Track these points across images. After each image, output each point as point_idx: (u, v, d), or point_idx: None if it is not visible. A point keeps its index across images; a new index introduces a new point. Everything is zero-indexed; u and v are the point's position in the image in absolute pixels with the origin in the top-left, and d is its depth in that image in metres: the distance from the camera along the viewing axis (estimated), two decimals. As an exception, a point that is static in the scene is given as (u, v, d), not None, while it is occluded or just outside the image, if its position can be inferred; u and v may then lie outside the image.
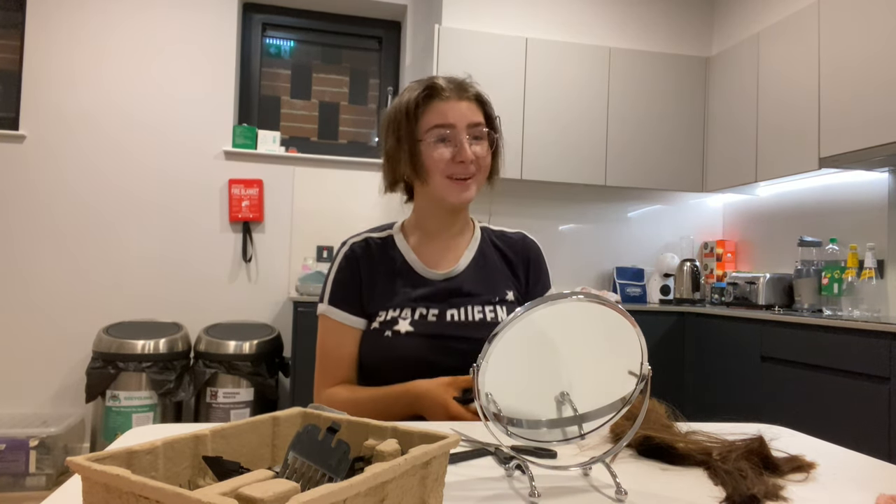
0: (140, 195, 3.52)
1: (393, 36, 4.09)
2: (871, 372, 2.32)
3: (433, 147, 1.14)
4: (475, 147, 1.15)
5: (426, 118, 1.15)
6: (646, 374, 0.72)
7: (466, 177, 1.15)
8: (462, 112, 1.15)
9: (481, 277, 1.21)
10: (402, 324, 1.14)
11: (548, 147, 3.62)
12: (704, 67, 3.86)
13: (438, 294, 1.17)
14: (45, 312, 3.39)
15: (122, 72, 3.51)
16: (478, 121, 1.16)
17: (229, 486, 0.42)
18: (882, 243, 2.95)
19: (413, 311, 1.15)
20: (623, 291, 3.88)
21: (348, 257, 1.21)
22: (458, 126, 1.14)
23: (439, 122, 1.14)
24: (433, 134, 1.14)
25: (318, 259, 3.71)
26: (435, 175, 1.15)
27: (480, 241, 1.27)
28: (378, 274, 1.19)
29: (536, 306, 0.67)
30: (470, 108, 1.16)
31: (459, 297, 1.18)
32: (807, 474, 0.77)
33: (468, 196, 1.17)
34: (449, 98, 1.15)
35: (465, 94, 1.17)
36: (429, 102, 1.15)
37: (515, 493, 0.68)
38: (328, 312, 1.19)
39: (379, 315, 1.16)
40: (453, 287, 1.18)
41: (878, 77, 2.65)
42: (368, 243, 1.22)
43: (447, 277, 1.20)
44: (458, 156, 1.13)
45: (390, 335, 1.13)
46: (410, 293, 1.17)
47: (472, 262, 1.22)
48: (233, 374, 3.11)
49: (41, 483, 2.93)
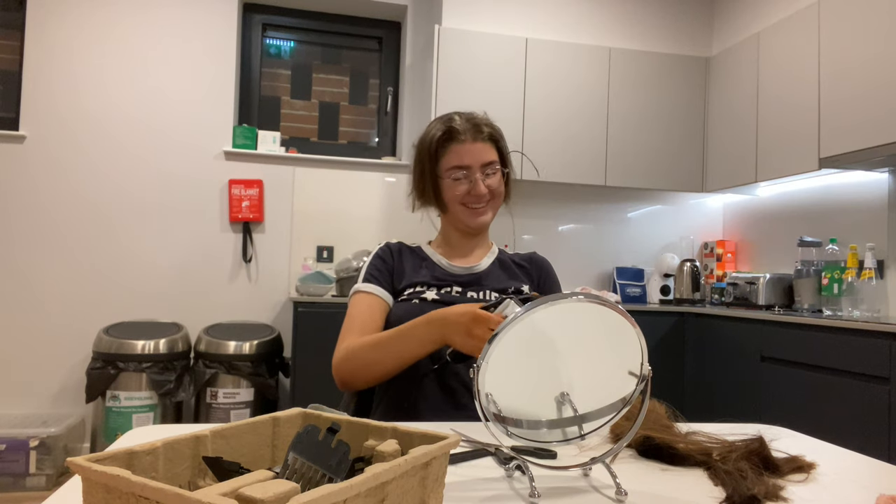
0: (140, 195, 3.53)
1: (393, 36, 4.09)
2: (871, 372, 2.32)
3: (452, 184, 1.30)
4: (489, 181, 1.31)
5: (446, 159, 1.31)
6: (646, 374, 0.72)
7: (481, 206, 1.31)
8: (476, 153, 1.29)
9: (500, 274, 1.36)
10: (429, 293, 1.27)
11: (548, 147, 3.62)
12: (704, 67, 3.86)
13: (461, 281, 1.32)
14: (46, 312, 3.39)
15: (122, 72, 3.51)
16: (491, 160, 1.31)
17: (229, 487, 0.42)
18: (882, 243, 2.95)
19: (439, 288, 1.29)
20: (623, 291, 3.88)
21: (384, 250, 1.36)
22: (474, 167, 1.29)
23: (457, 163, 1.29)
24: (452, 173, 1.30)
25: (318, 259, 3.71)
26: (454, 205, 1.32)
27: (499, 254, 1.42)
28: (406, 264, 1.35)
29: (536, 306, 0.67)
30: (484, 148, 1.30)
31: (480, 286, 1.32)
32: (807, 475, 0.77)
33: (485, 220, 1.33)
34: (465, 141, 1.29)
35: (480, 135, 1.30)
36: (448, 145, 1.30)
37: (515, 494, 0.68)
38: (360, 288, 1.29)
39: (407, 290, 1.29)
40: (475, 279, 1.34)
41: (878, 77, 2.65)
42: (401, 244, 1.39)
43: (470, 272, 1.35)
44: (473, 191, 1.29)
45: (417, 301, 1.26)
46: (437, 278, 1.32)
47: (491, 265, 1.38)
48: (233, 375, 3.11)
49: (41, 483, 2.93)
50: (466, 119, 1.32)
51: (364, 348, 1.15)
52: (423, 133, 1.36)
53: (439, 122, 1.33)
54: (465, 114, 1.34)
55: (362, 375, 1.16)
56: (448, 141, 1.30)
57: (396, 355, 1.12)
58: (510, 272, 1.37)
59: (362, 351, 1.15)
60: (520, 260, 1.42)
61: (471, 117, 1.33)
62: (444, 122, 1.32)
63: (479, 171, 1.29)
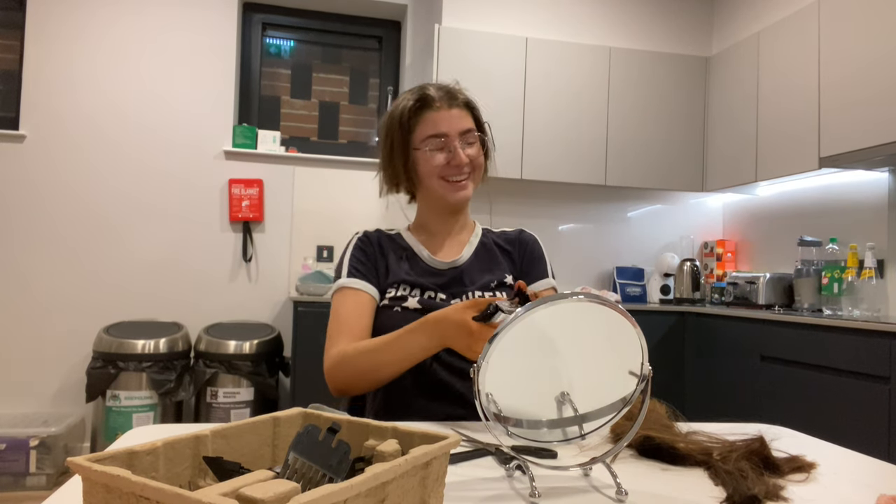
0: (140, 195, 3.52)
1: (393, 36, 4.09)
2: (871, 372, 2.32)
3: (429, 155, 1.21)
4: (468, 150, 1.22)
5: (420, 129, 1.22)
6: (646, 374, 0.72)
7: (462, 178, 1.22)
8: (453, 120, 1.21)
9: (482, 265, 1.28)
10: (411, 301, 1.20)
11: (548, 147, 3.62)
12: (704, 67, 3.86)
13: (444, 280, 1.24)
14: (46, 312, 3.39)
15: (122, 71, 3.51)
16: (469, 127, 1.23)
17: (230, 487, 0.42)
18: (882, 243, 2.95)
19: (422, 291, 1.22)
20: (623, 291, 3.88)
21: (362, 240, 1.28)
22: (451, 134, 1.21)
23: (433, 132, 1.21)
24: (428, 143, 1.21)
25: (318, 259, 3.71)
26: (432, 179, 1.22)
27: (482, 237, 1.34)
28: (389, 257, 1.26)
29: (537, 307, 0.67)
30: (461, 115, 1.23)
31: (463, 286, 1.24)
32: (807, 474, 0.77)
33: (466, 194, 1.24)
34: (440, 108, 1.21)
35: (455, 101, 1.23)
36: (421, 113, 1.22)
37: (516, 494, 0.68)
38: (346, 284, 1.22)
39: (388, 292, 1.22)
40: (457, 275, 1.25)
41: (878, 77, 2.65)
42: (379, 232, 1.31)
43: (452, 266, 1.26)
44: (453, 161, 1.20)
45: (399, 310, 1.19)
46: (418, 278, 1.24)
47: (473, 254, 1.30)
48: (233, 374, 3.11)
49: (41, 483, 2.93)
50: (438, 87, 1.25)
51: (359, 355, 1.10)
52: (392, 106, 1.27)
53: (410, 93, 1.25)
54: (436, 83, 1.27)
55: (358, 383, 1.12)
56: (421, 109, 1.22)
57: (395, 361, 1.08)
58: (493, 259, 1.30)
59: (358, 357, 1.10)
60: (504, 242, 1.34)
61: (443, 86, 1.25)
62: (416, 92, 1.24)
63: (457, 138, 1.21)
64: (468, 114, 1.24)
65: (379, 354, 1.08)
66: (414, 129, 1.22)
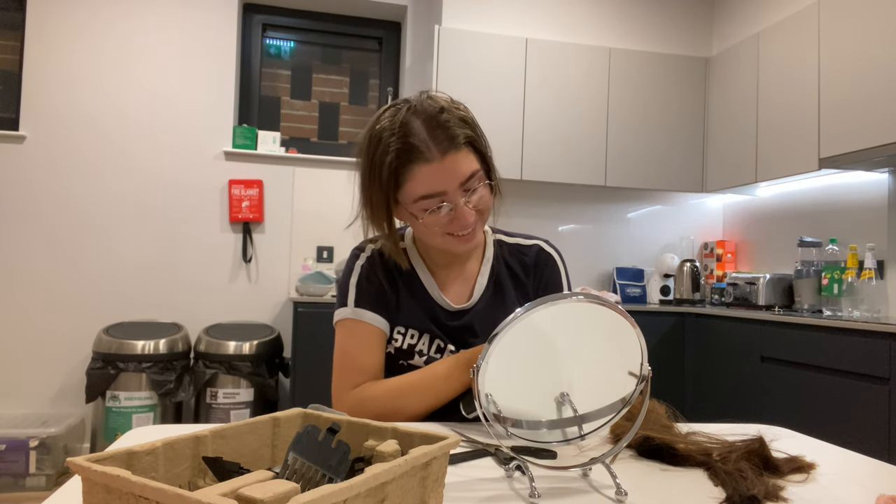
0: (140, 195, 3.52)
1: (393, 36, 4.10)
2: (871, 372, 2.32)
3: (424, 218, 0.99)
4: (474, 200, 0.99)
5: (409, 187, 0.97)
6: (646, 374, 0.72)
7: (468, 231, 1.01)
8: (452, 172, 0.96)
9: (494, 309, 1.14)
10: (418, 359, 1.10)
11: (548, 147, 3.62)
12: (704, 67, 3.86)
13: (453, 326, 1.12)
14: (46, 313, 3.39)
15: (122, 72, 3.51)
16: (471, 171, 0.98)
17: (229, 487, 0.42)
18: (882, 243, 2.95)
19: (431, 341, 1.10)
20: (623, 292, 3.88)
21: (370, 261, 1.12)
22: (451, 190, 0.97)
23: (426, 192, 0.96)
24: (421, 205, 0.98)
25: (318, 259, 3.71)
26: (433, 239, 1.03)
27: (493, 262, 1.17)
28: (396, 285, 1.12)
29: (536, 307, 0.67)
30: (459, 158, 0.96)
31: (473, 335, 1.12)
32: (807, 475, 0.77)
33: (474, 244, 1.06)
34: (432, 160, 0.95)
35: (452, 144, 0.96)
36: (409, 168, 0.96)
37: (515, 494, 0.68)
38: (354, 315, 1.08)
39: (395, 338, 1.10)
40: (467, 323, 1.12)
41: (878, 77, 2.65)
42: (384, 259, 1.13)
43: (462, 310, 1.13)
44: (457, 222, 0.99)
45: (405, 366, 1.10)
46: (429, 323, 1.11)
47: (485, 294, 1.15)
48: (233, 375, 3.11)
49: (41, 483, 2.93)
50: (426, 122, 0.96)
51: (384, 398, 1.02)
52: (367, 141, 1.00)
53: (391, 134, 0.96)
54: (422, 111, 0.97)
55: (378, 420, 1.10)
56: (409, 163, 0.96)
57: (423, 402, 1.00)
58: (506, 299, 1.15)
59: (382, 400, 1.02)
60: (519, 267, 1.18)
61: (432, 118, 0.96)
62: (399, 136, 0.95)
63: (459, 192, 0.97)
64: (468, 151, 0.98)
65: (405, 399, 1.02)
66: (401, 186, 0.98)
